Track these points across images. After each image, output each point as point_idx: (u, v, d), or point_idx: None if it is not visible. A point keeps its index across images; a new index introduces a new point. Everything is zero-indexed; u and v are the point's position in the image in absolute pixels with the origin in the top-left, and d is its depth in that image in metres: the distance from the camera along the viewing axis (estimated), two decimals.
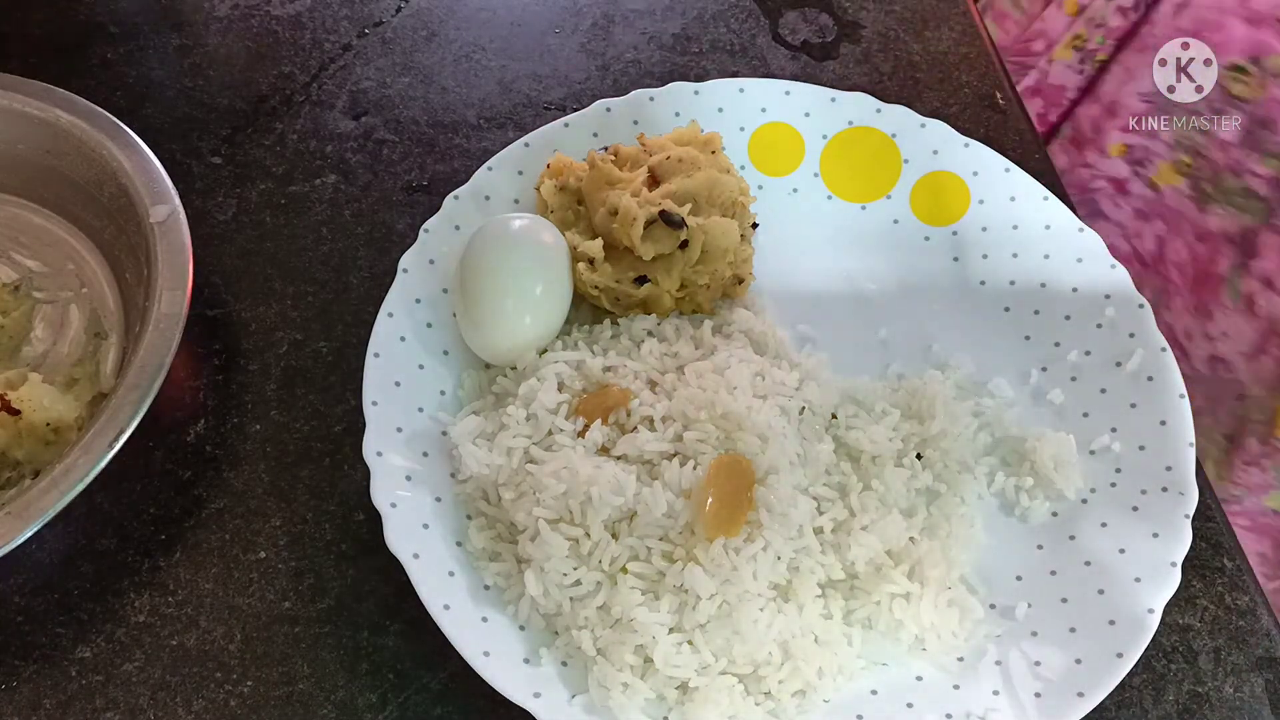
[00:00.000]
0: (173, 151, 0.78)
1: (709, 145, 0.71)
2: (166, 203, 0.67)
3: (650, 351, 0.65)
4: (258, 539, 0.64)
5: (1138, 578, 0.59)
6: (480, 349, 0.66)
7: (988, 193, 0.74)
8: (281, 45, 0.87)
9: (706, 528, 0.57)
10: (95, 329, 0.70)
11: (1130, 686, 0.59)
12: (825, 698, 0.58)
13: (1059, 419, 0.67)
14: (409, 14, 0.89)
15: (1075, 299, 0.70)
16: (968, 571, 0.62)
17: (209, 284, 0.73)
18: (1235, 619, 0.63)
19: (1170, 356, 0.66)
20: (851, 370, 0.68)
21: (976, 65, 0.87)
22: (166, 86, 0.84)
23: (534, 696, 0.54)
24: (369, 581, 0.62)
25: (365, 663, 0.60)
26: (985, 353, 0.70)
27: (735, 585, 0.57)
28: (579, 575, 0.58)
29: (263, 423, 0.68)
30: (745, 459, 0.59)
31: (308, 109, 0.83)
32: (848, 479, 0.63)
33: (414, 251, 0.68)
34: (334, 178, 0.79)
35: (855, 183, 0.76)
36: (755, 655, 0.57)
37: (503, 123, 0.83)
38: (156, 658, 0.60)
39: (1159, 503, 0.62)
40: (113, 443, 0.59)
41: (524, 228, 0.66)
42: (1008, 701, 0.57)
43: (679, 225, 0.66)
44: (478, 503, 0.62)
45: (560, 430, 0.61)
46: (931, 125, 0.75)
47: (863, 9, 0.91)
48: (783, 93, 0.77)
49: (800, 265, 0.74)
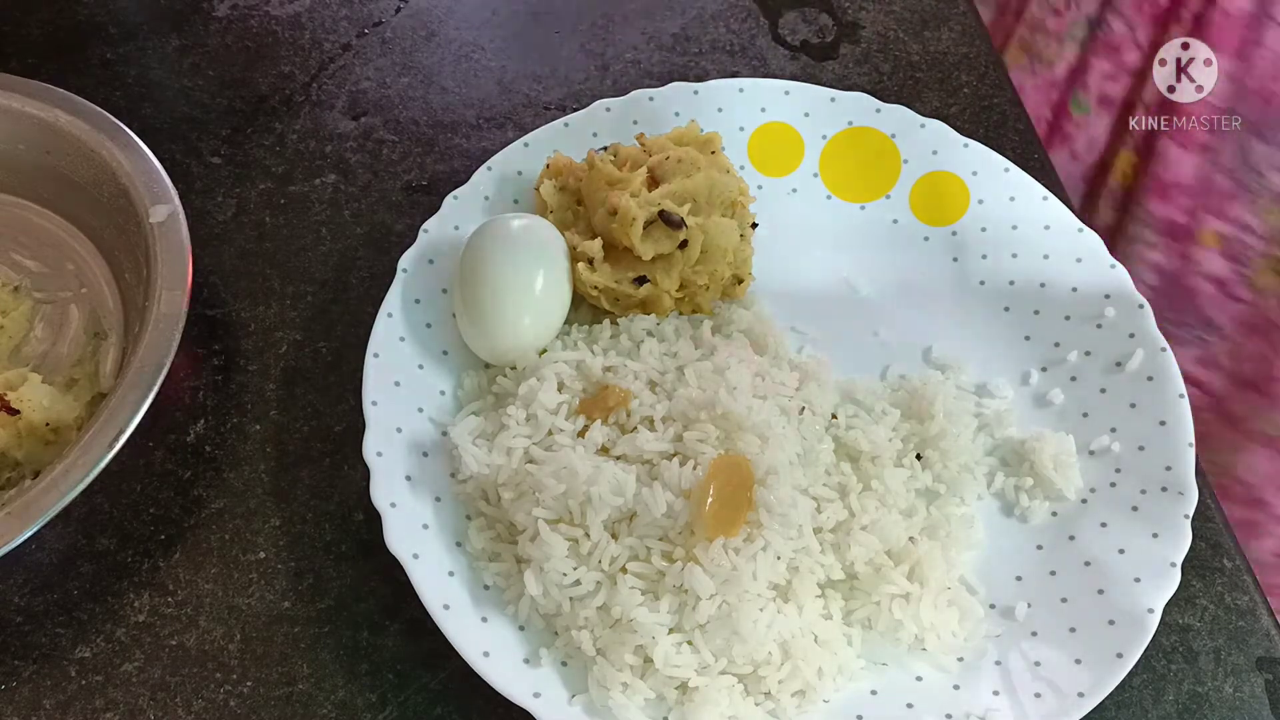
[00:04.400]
0: (172, 151, 0.78)
1: (708, 145, 0.71)
2: (166, 203, 0.67)
3: (650, 351, 0.65)
4: (257, 539, 0.64)
5: (1137, 578, 0.59)
6: (480, 349, 0.66)
7: (987, 193, 0.74)
8: (281, 45, 0.87)
9: (706, 528, 0.57)
10: (95, 329, 0.70)
11: (1130, 686, 0.59)
12: (825, 698, 0.58)
13: (1059, 419, 0.67)
14: (408, 14, 0.89)
15: (1075, 299, 0.70)
16: (968, 571, 0.62)
17: (208, 284, 0.73)
18: (1235, 619, 0.63)
19: (1170, 356, 0.66)
20: (851, 370, 0.68)
21: (976, 65, 0.87)
22: (166, 86, 0.84)
23: (534, 696, 0.54)
24: (369, 581, 0.62)
25: (365, 663, 0.60)
26: (985, 353, 0.70)
27: (735, 585, 0.56)
28: (579, 575, 0.58)
29: (262, 423, 0.68)
30: (745, 459, 0.59)
31: (307, 109, 0.83)
32: (847, 479, 0.63)
33: (413, 252, 0.68)
34: (333, 178, 0.79)
35: (855, 183, 0.76)
36: (755, 655, 0.57)
37: (502, 123, 0.83)
38: (156, 658, 0.60)
39: (1159, 503, 0.62)
40: (113, 443, 0.58)
41: (523, 228, 0.66)
42: (1008, 702, 0.57)
43: (678, 225, 0.66)
44: (477, 503, 0.62)
45: (560, 430, 0.61)
46: (931, 125, 0.75)
47: (862, 9, 0.90)
48: (782, 93, 0.77)
49: (800, 265, 0.74)
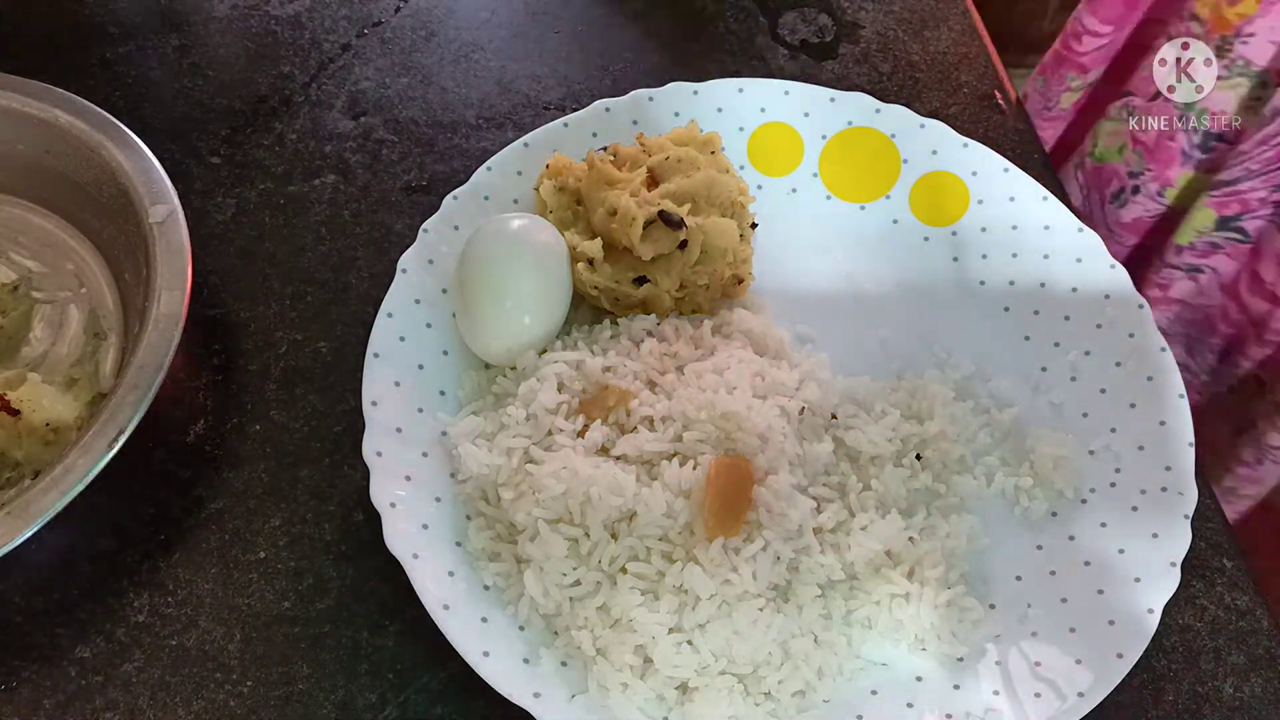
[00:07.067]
0: (172, 152, 0.78)
1: (708, 145, 0.71)
2: (165, 203, 0.67)
3: (650, 351, 0.65)
4: (257, 539, 0.64)
5: (1138, 578, 0.59)
6: (480, 349, 0.66)
7: (987, 193, 0.74)
8: (280, 45, 0.87)
9: (706, 528, 0.57)
10: (94, 329, 0.70)
11: (1130, 686, 0.59)
12: (825, 698, 0.58)
13: (1059, 419, 0.67)
14: (408, 14, 0.89)
15: (1075, 299, 0.70)
16: (967, 571, 0.62)
17: (208, 284, 0.73)
18: (1235, 619, 0.63)
19: (1169, 356, 0.66)
20: (851, 370, 0.68)
21: (976, 65, 0.87)
22: (165, 86, 0.84)
23: (534, 696, 0.54)
24: (369, 581, 0.62)
25: (365, 663, 0.60)
26: (985, 353, 0.70)
27: (735, 585, 0.57)
28: (578, 575, 0.58)
29: (262, 423, 0.68)
30: (745, 459, 0.59)
31: (307, 109, 0.83)
32: (847, 479, 0.63)
33: (413, 252, 0.68)
34: (333, 178, 0.79)
35: (854, 183, 0.76)
36: (755, 655, 0.57)
37: (502, 123, 0.83)
38: (156, 658, 0.60)
39: (1159, 503, 0.62)
40: (112, 443, 0.58)
41: (523, 228, 0.66)
42: (1008, 701, 0.57)
43: (678, 225, 0.66)
44: (477, 503, 0.62)
45: (560, 430, 0.61)
46: (930, 125, 0.75)
47: (862, 9, 0.91)
48: (782, 93, 0.77)
49: (800, 265, 0.74)
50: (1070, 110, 1.04)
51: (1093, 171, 1.01)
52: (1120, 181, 0.97)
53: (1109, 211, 1.00)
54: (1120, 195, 0.98)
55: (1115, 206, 0.99)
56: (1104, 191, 1.00)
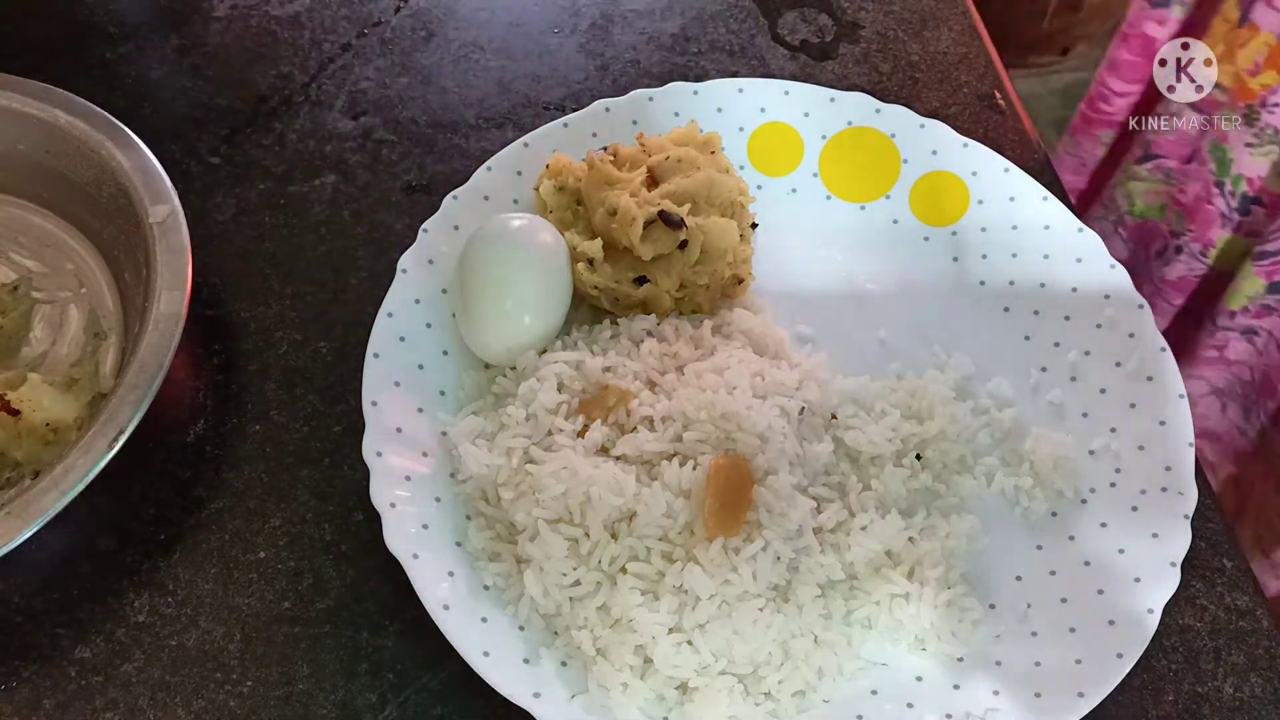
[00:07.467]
0: (171, 151, 0.78)
1: (708, 145, 0.71)
2: (165, 203, 0.67)
3: (650, 351, 0.65)
4: (257, 539, 0.64)
5: (1137, 578, 0.59)
6: (480, 349, 0.66)
7: (987, 193, 0.74)
8: (280, 45, 0.87)
9: (706, 528, 0.57)
10: (94, 329, 0.70)
11: (1130, 686, 0.59)
12: (825, 698, 0.58)
13: (1059, 419, 0.67)
14: (408, 14, 0.89)
15: (1075, 299, 0.70)
16: (967, 571, 0.62)
17: (208, 284, 0.73)
18: (1235, 619, 0.63)
19: (1169, 356, 0.66)
20: (851, 370, 0.68)
21: (976, 65, 0.87)
22: (165, 86, 0.84)
23: (534, 696, 0.54)
24: (369, 581, 0.62)
25: (365, 663, 0.60)
26: (985, 353, 0.70)
27: (734, 585, 0.57)
28: (578, 575, 0.58)
29: (262, 423, 0.68)
30: (744, 459, 0.59)
31: (307, 109, 0.83)
32: (847, 479, 0.63)
33: (413, 252, 0.68)
34: (333, 178, 0.79)
35: (854, 183, 0.76)
36: (755, 655, 0.57)
37: (501, 123, 0.83)
38: (156, 658, 0.60)
39: (1159, 503, 0.62)
40: (113, 443, 0.59)
41: (523, 228, 0.66)
42: (1008, 701, 0.57)
43: (678, 225, 0.66)
44: (477, 503, 0.62)
45: (560, 430, 0.61)
46: (930, 125, 0.75)
47: (862, 9, 0.90)
48: (782, 93, 0.77)
49: (800, 265, 0.74)
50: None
51: (1135, 229, 1.02)
52: (1164, 240, 0.98)
53: (1154, 268, 1.00)
54: (1164, 254, 0.98)
55: (1160, 265, 0.99)
56: (1149, 248, 1.00)
